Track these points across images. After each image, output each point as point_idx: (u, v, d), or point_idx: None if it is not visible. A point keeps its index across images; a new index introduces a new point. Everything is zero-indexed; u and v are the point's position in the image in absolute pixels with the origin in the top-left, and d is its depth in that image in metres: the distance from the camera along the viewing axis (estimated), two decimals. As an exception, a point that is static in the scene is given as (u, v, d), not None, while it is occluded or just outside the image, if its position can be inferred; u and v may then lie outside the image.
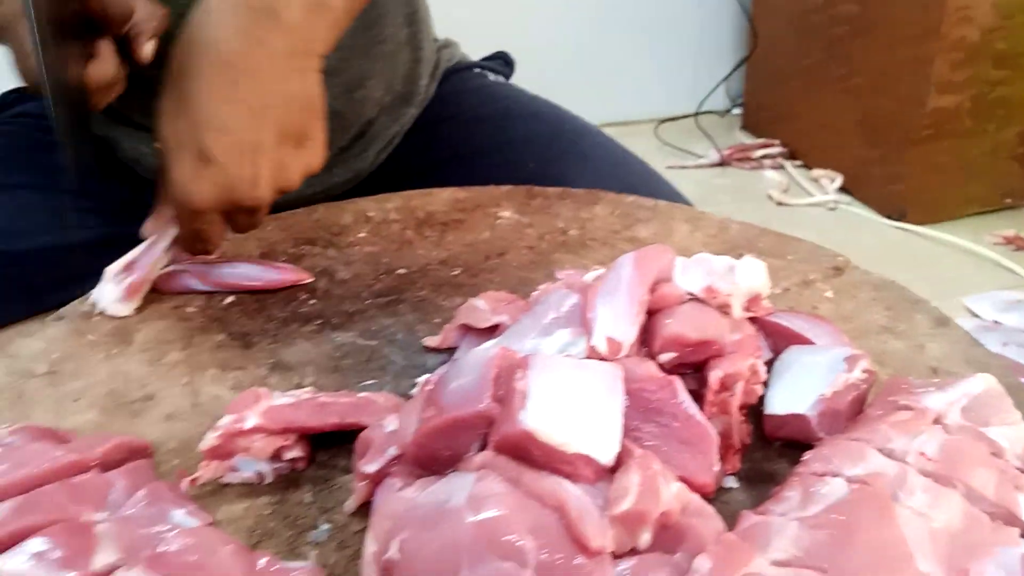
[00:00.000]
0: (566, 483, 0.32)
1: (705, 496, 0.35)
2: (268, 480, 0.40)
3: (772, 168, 1.62)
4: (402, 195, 0.74)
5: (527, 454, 0.33)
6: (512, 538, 0.30)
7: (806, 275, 0.59)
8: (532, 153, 0.86)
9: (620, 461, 0.33)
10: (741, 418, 0.40)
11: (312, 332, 0.53)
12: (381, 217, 0.70)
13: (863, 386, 0.42)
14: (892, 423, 0.38)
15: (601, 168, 0.86)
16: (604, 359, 0.38)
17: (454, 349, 0.50)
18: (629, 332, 0.39)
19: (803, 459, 0.37)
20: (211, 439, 0.39)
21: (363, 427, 0.40)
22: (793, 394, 0.41)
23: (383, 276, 0.60)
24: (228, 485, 0.40)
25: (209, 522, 0.37)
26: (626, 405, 0.36)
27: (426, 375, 0.46)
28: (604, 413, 0.34)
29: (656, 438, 0.35)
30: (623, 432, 0.34)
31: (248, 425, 0.39)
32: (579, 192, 0.74)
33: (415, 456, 0.36)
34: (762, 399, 0.43)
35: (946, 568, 0.31)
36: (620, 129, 1.85)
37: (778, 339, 0.47)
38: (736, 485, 0.40)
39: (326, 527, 0.38)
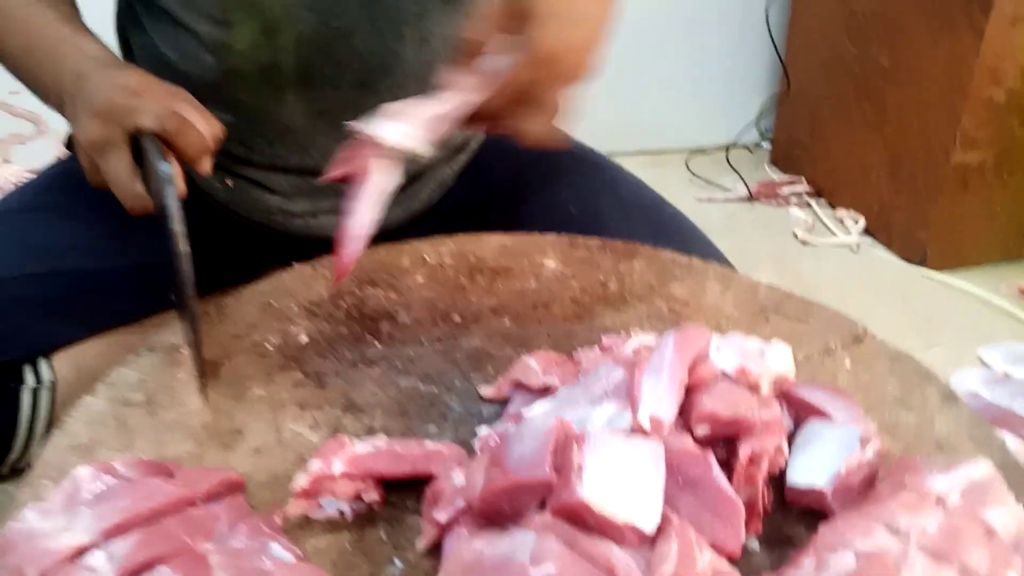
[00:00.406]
0: (615, 547, 0.38)
1: (731, 560, 0.40)
2: (348, 518, 0.46)
3: (798, 205, 1.67)
4: (455, 239, 0.80)
5: (581, 520, 0.38)
6: (568, 593, 0.36)
7: (827, 342, 0.64)
8: (573, 197, 0.91)
9: (661, 529, 0.39)
10: (765, 487, 0.46)
11: (379, 375, 0.59)
12: (436, 261, 0.75)
13: (875, 464, 0.48)
14: (899, 503, 0.43)
15: (636, 214, 0.92)
16: (647, 434, 0.43)
17: (507, 400, 0.56)
18: (670, 411, 0.44)
19: (818, 530, 0.42)
20: (302, 481, 0.45)
21: (431, 475, 0.46)
22: (812, 468, 0.47)
23: (440, 322, 0.66)
24: (313, 521, 0.46)
25: (300, 555, 0.42)
26: (666, 476, 0.41)
27: (484, 426, 0.52)
28: (648, 486, 0.40)
29: (692, 508, 0.41)
30: (664, 502, 0.40)
31: (335, 471, 0.45)
32: (618, 244, 0.79)
33: (481, 510, 0.41)
34: (784, 469, 0.48)
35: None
36: (652, 159, 1.91)
37: (800, 411, 0.52)
38: (758, 547, 0.45)
39: (399, 564, 0.43)
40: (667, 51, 1.85)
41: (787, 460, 0.48)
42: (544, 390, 0.53)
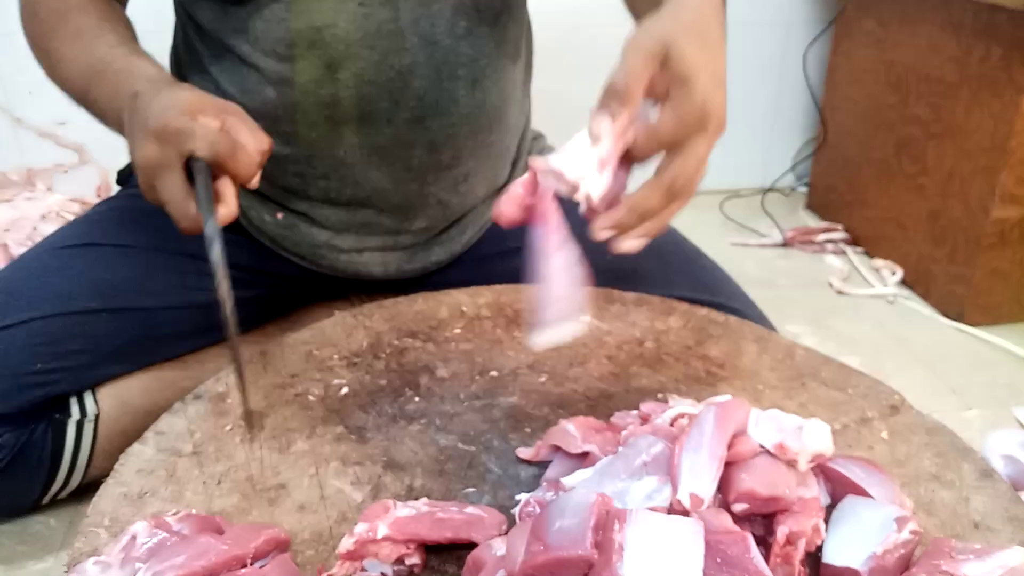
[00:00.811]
0: (653, 629, 0.38)
1: (767, 642, 0.41)
2: (389, 581, 0.47)
3: (834, 253, 1.66)
4: (491, 290, 0.81)
5: (621, 599, 0.39)
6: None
7: (864, 412, 0.65)
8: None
9: (698, 610, 0.39)
10: (801, 567, 0.46)
11: (418, 432, 0.60)
12: (474, 312, 0.77)
13: (911, 544, 0.48)
14: (934, 589, 0.44)
15: (673, 264, 0.93)
16: (686, 512, 0.44)
17: (544, 462, 0.57)
18: (710, 488, 0.45)
19: (854, 617, 0.43)
20: (348, 544, 0.46)
21: (472, 541, 0.47)
22: (848, 548, 0.47)
23: (478, 377, 0.67)
24: (356, 582, 0.47)
25: (344, 618, 0.44)
26: (704, 555, 0.42)
27: (523, 493, 0.53)
28: (687, 566, 0.40)
29: (729, 589, 0.41)
30: (701, 583, 0.40)
31: (379, 535, 0.46)
32: (654, 300, 0.80)
33: (521, 582, 0.42)
34: (820, 546, 0.48)
35: None
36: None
37: (837, 485, 0.53)
38: (792, 627, 0.45)
39: (439, 631, 0.45)
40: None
41: (824, 538, 0.48)
42: (583, 456, 0.53)
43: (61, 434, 0.83)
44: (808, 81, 1.78)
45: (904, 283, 1.55)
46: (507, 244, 0.97)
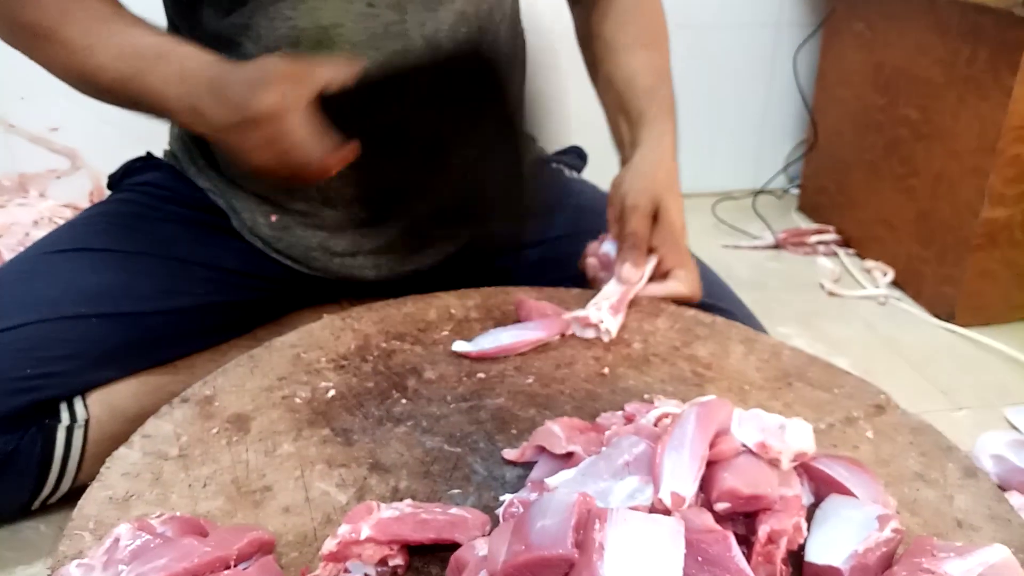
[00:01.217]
0: (633, 627, 0.38)
1: (748, 640, 0.41)
2: (373, 582, 0.47)
3: (825, 255, 1.67)
4: (480, 292, 0.81)
5: (602, 598, 0.39)
6: (587, 674, 0.36)
7: (850, 411, 0.65)
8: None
9: (679, 609, 0.39)
10: (783, 565, 0.46)
11: (404, 434, 0.60)
12: (463, 315, 0.77)
13: (893, 543, 0.48)
14: (915, 587, 0.44)
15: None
16: (668, 511, 0.44)
17: (529, 463, 0.57)
18: (691, 487, 0.45)
19: (835, 614, 0.43)
20: (331, 545, 0.46)
21: (455, 542, 0.47)
22: (830, 547, 0.47)
23: (465, 379, 0.68)
24: (339, 584, 0.47)
25: (327, 620, 0.44)
26: (685, 554, 0.42)
27: (507, 494, 0.53)
28: (667, 566, 0.40)
29: (709, 587, 0.42)
30: (682, 581, 0.40)
31: (362, 536, 0.46)
32: (642, 301, 0.80)
33: (503, 582, 0.42)
34: (802, 544, 0.49)
35: None
36: (679, 202, 1.92)
37: (820, 485, 0.53)
38: (775, 625, 0.45)
39: (422, 632, 0.45)
40: (696, 96, 1.87)
41: (806, 537, 0.48)
42: (567, 457, 0.54)
43: (51, 439, 0.83)
44: (798, 84, 1.79)
45: (895, 284, 1.56)
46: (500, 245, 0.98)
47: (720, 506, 0.47)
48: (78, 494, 0.54)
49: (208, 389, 0.65)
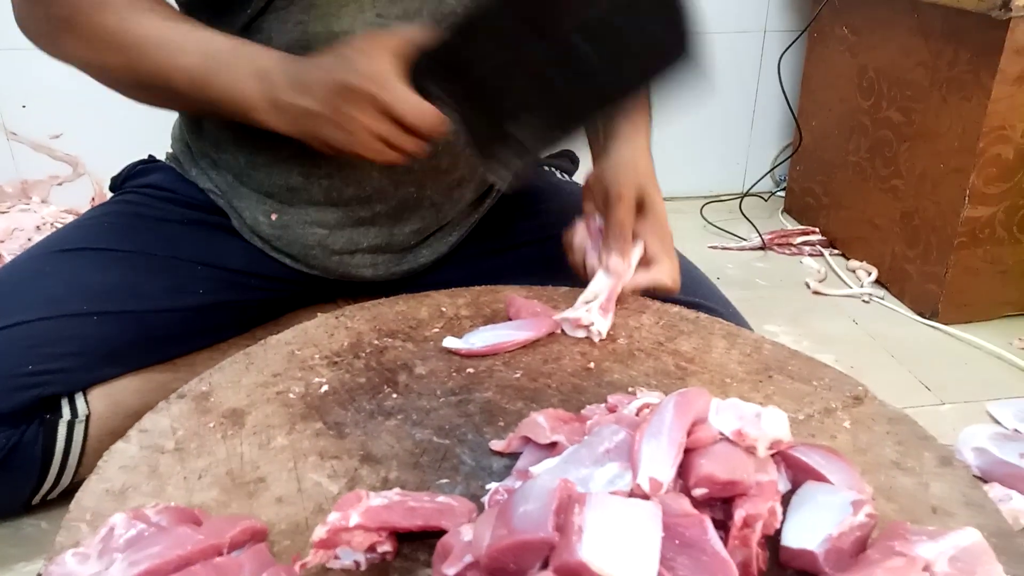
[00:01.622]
0: (612, 606, 0.40)
1: (724, 620, 0.42)
2: (363, 568, 0.48)
3: (811, 255, 1.69)
4: (471, 291, 0.83)
5: (581, 578, 0.41)
6: (567, 650, 0.38)
7: (828, 402, 0.67)
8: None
9: (656, 589, 0.41)
10: (759, 549, 0.48)
11: (395, 427, 0.62)
12: (453, 312, 0.79)
13: (867, 527, 0.49)
14: (887, 568, 0.45)
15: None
16: (646, 496, 0.46)
17: (517, 454, 0.58)
18: (669, 473, 0.47)
19: (808, 594, 0.45)
20: (321, 532, 0.47)
21: (442, 529, 0.49)
22: (806, 531, 0.49)
23: (454, 374, 0.69)
24: (330, 570, 0.48)
25: (318, 604, 0.45)
26: (663, 537, 0.44)
27: (494, 482, 0.54)
28: (645, 547, 0.42)
29: (686, 569, 0.43)
30: (660, 563, 0.42)
31: (352, 523, 0.47)
32: (628, 298, 0.82)
33: (487, 566, 0.44)
34: (779, 530, 0.50)
35: None
36: (668, 205, 1.93)
37: (797, 472, 0.54)
38: (751, 606, 0.47)
39: (410, 615, 0.46)
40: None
41: (782, 522, 0.50)
42: (552, 446, 0.55)
43: (52, 435, 0.84)
44: (783, 88, 1.81)
45: (879, 283, 1.58)
46: (488, 246, 1.00)
47: (698, 491, 0.48)
48: (78, 490, 0.56)
49: (204, 385, 0.66)
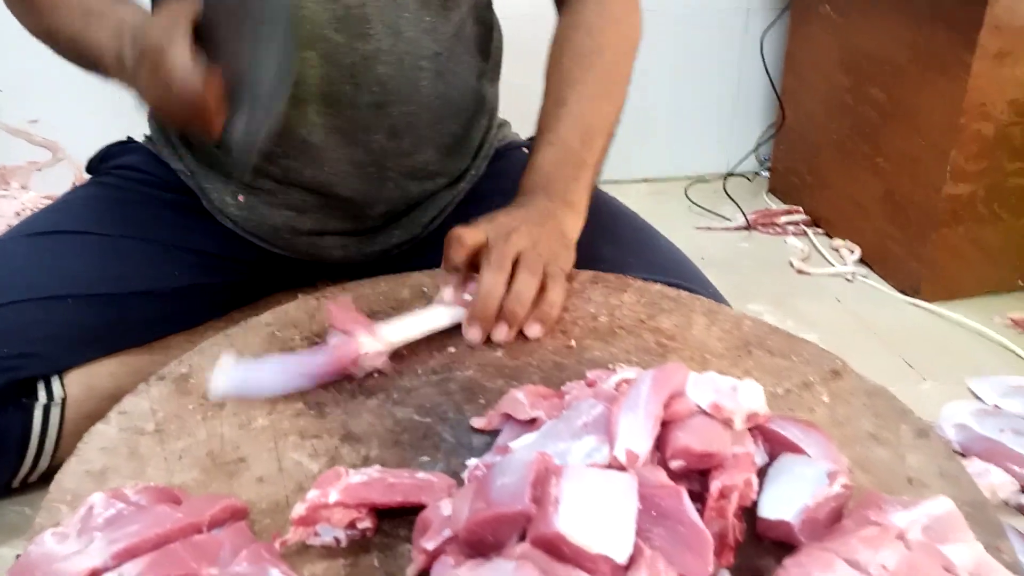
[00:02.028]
0: (588, 577, 0.40)
1: (700, 590, 0.43)
2: (343, 545, 0.49)
3: (795, 235, 1.70)
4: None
5: (557, 550, 0.41)
6: (543, 620, 0.38)
7: (807, 377, 0.67)
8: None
9: (632, 559, 0.41)
10: (736, 520, 0.48)
11: (376, 406, 0.62)
12: (434, 292, 0.79)
13: (843, 498, 0.50)
14: (861, 537, 0.46)
15: (629, 247, 0.95)
16: (623, 468, 0.46)
17: (497, 431, 0.58)
18: (645, 445, 0.47)
19: (783, 564, 0.45)
20: (300, 509, 0.47)
21: (422, 505, 0.49)
22: (782, 501, 0.49)
23: (436, 353, 0.69)
24: (310, 547, 0.49)
25: (297, 580, 0.45)
26: (639, 509, 0.44)
27: (474, 459, 0.55)
28: (621, 518, 0.42)
29: (663, 539, 0.44)
30: (636, 533, 0.42)
31: (331, 500, 0.47)
32: (610, 278, 0.82)
33: (465, 540, 0.44)
34: (756, 501, 0.51)
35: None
36: (652, 187, 1.94)
37: (774, 445, 0.55)
38: (728, 577, 0.48)
39: (390, 589, 0.46)
40: (666, 81, 1.89)
41: (759, 493, 0.51)
42: (531, 422, 0.55)
43: (28, 418, 0.84)
44: (767, 68, 1.81)
45: (863, 261, 1.59)
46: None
47: (675, 464, 0.49)
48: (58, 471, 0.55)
49: (184, 367, 0.66)
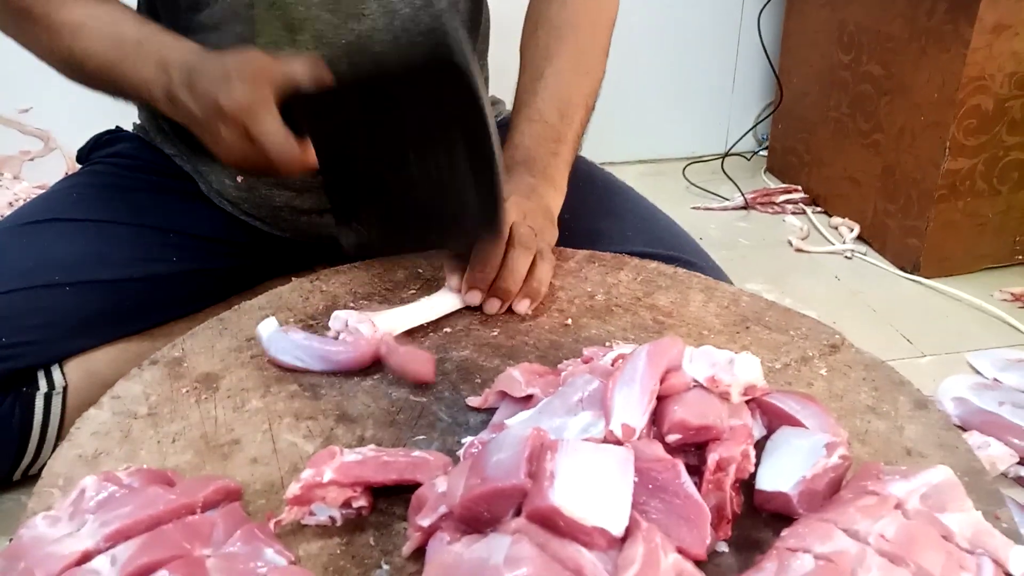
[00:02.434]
0: (584, 550, 0.40)
1: (697, 562, 0.43)
2: (338, 524, 0.48)
3: (794, 213, 1.69)
4: (448, 253, 0.82)
5: (553, 524, 0.41)
6: (539, 594, 0.38)
7: (805, 351, 0.67)
8: (566, 206, 0.95)
9: (629, 532, 0.41)
10: (733, 493, 0.48)
11: (371, 386, 0.62)
12: (430, 274, 0.78)
13: (840, 469, 0.50)
14: (859, 507, 0.46)
15: (627, 221, 0.94)
16: (619, 442, 0.46)
17: (493, 409, 0.58)
18: (641, 419, 0.47)
19: (782, 535, 0.45)
20: (295, 489, 0.47)
21: (418, 483, 0.49)
22: (780, 474, 0.49)
23: (431, 334, 0.69)
24: (305, 527, 0.48)
25: (293, 560, 0.45)
26: (636, 482, 0.44)
27: (469, 437, 0.54)
28: (617, 492, 0.42)
29: (660, 512, 0.43)
30: (632, 507, 0.42)
31: (325, 479, 0.47)
32: (606, 256, 0.81)
33: (461, 516, 0.44)
34: (754, 474, 0.50)
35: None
36: (650, 167, 1.93)
37: (772, 418, 0.55)
38: (726, 550, 0.47)
39: (386, 567, 0.46)
40: (664, 61, 1.88)
41: (757, 466, 0.50)
42: (527, 400, 0.55)
43: (29, 407, 0.83)
44: (764, 46, 1.80)
45: (861, 239, 1.58)
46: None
47: (671, 438, 0.48)
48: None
49: (177, 351, 0.65)
